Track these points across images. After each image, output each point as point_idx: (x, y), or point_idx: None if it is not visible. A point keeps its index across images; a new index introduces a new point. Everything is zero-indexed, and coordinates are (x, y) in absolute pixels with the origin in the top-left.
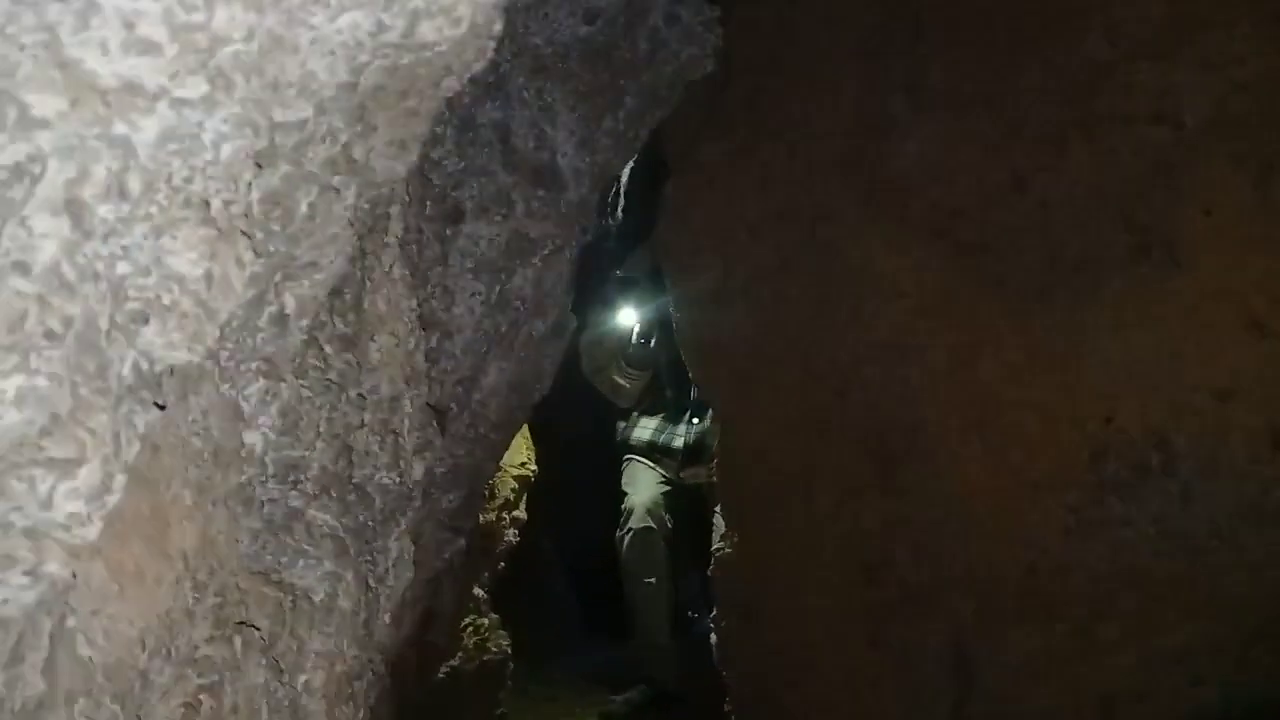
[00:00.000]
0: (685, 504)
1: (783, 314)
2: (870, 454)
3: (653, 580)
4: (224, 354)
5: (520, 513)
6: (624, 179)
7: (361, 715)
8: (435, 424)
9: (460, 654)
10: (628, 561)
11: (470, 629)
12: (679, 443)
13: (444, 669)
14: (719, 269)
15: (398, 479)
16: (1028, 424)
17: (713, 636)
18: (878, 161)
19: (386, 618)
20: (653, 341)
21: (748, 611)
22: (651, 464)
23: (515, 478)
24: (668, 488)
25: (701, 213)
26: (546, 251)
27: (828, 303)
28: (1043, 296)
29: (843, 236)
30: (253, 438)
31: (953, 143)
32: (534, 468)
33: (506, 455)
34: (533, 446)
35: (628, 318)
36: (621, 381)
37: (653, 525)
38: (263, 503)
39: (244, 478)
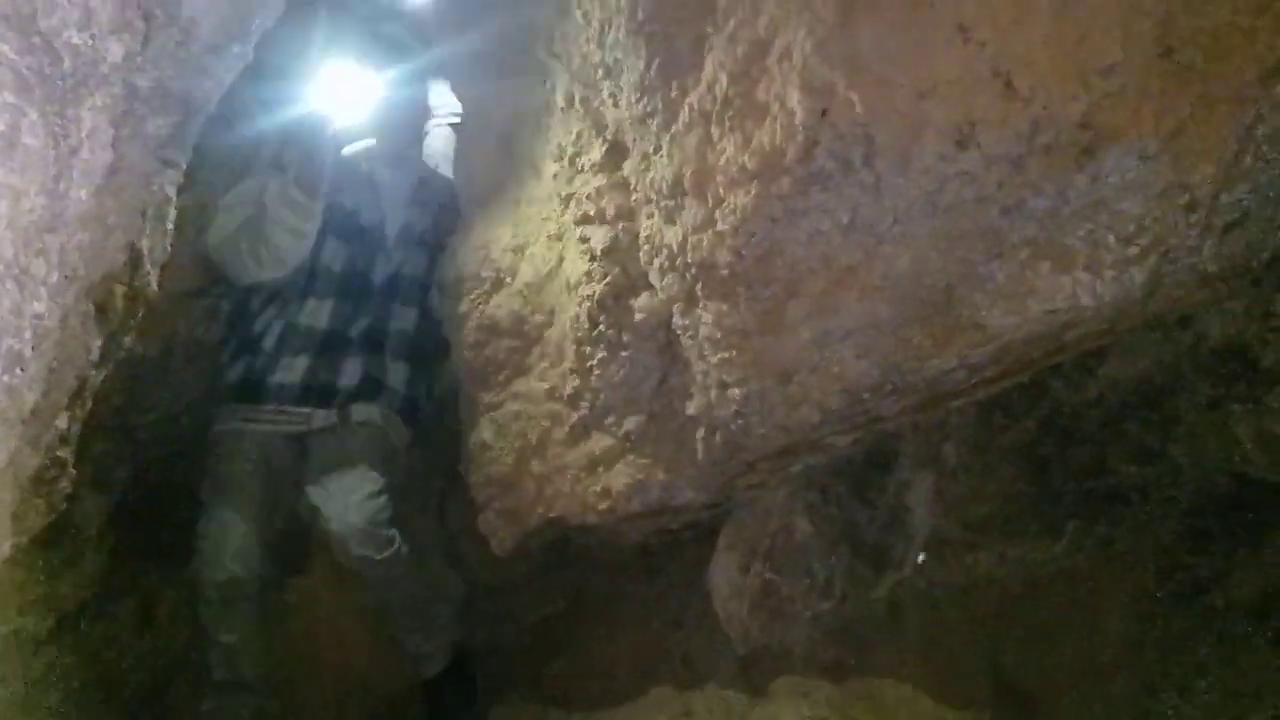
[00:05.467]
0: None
1: None
2: (607, 144)
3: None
4: None
5: None
6: None
7: (56, 280)
8: (137, 7)
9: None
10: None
11: None
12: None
13: (160, 332)
14: None
15: (90, 43)
16: (753, 114)
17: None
18: None
19: (83, 194)
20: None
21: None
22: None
23: None
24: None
25: None
26: None
27: None
28: None
29: None
30: None
31: None
32: None
33: None
34: None
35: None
36: (287, 223)
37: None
38: None
39: None
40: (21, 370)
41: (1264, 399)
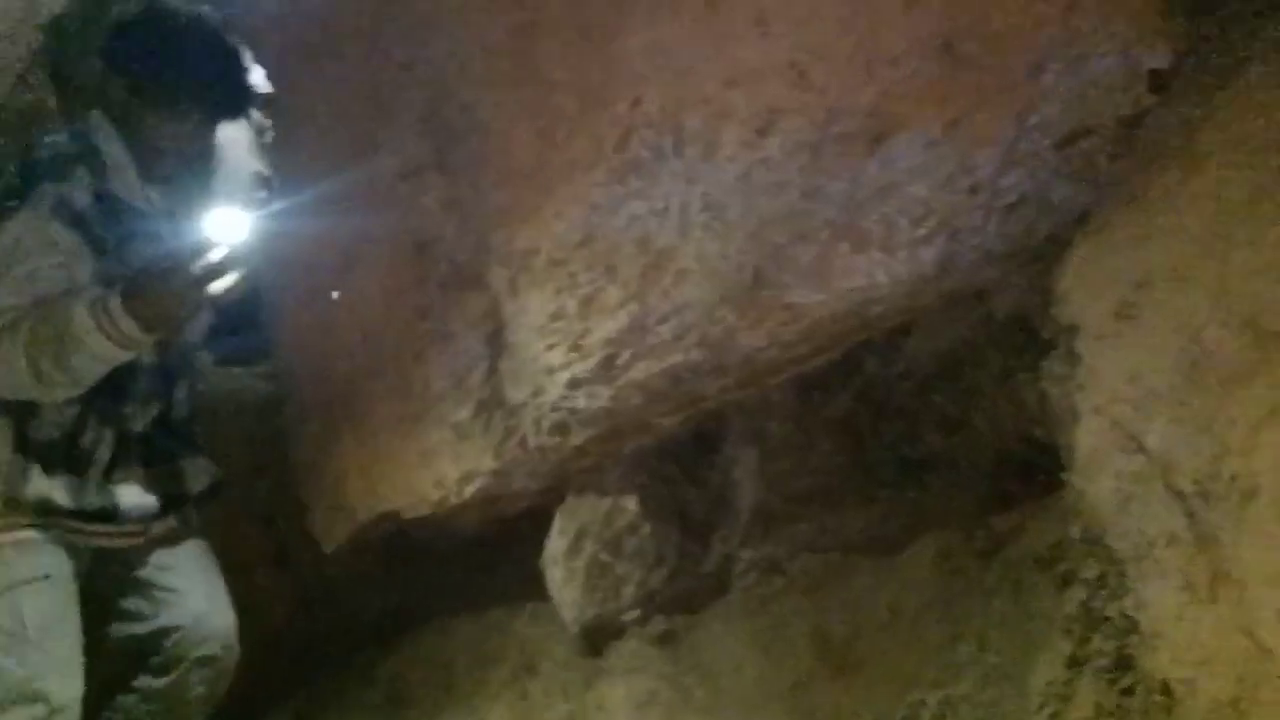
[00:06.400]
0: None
1: None
2: (431, 132)
3: None
4: None
5: None
6: None
7: None
8: None
9: None
10: None
11: None
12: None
13: None
14: None
15: None
16: (570, 105)
17: None
18: None
19: None
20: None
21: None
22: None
23: None
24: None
25: None
26: None
27: None
28: None
29: None
30: None
31: None
32: None
33: None
34: None
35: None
36: (101, 351)
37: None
38: None
39: None
40: None
41: (1042, 366)
